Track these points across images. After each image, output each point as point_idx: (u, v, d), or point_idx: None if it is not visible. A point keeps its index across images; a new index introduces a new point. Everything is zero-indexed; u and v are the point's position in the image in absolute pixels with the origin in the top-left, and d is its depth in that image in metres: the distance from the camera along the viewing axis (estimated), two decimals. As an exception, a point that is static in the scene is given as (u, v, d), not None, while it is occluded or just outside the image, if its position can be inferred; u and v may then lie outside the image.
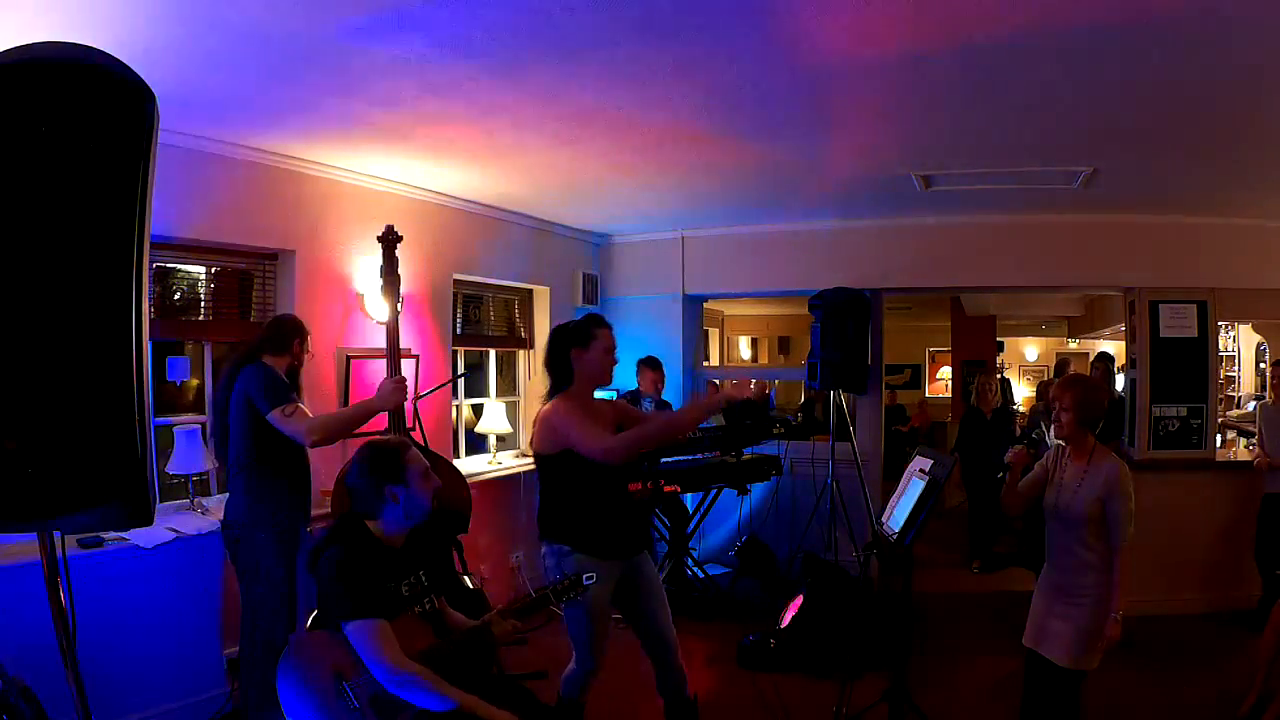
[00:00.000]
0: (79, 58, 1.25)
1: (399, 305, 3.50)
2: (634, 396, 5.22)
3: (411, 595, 2.26)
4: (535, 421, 2.79)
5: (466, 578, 3.75)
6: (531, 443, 2.81)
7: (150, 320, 3.11)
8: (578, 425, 2.64)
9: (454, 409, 5.03)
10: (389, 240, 3.48)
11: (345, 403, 3.88)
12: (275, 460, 2.97)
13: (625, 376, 5.59)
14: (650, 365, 5.25)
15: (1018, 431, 6.12)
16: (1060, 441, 2.74)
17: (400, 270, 4.32)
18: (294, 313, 3.77)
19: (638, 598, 2.83)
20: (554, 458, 2.70)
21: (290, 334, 3.12)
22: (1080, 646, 2.55)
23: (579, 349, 2.76)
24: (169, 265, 3.57)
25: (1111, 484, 2.53)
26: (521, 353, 5.68)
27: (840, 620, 4.03)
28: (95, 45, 1.27)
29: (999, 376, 7.67)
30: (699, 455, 5.10)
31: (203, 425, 3.54)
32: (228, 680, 3.36)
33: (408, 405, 3.55)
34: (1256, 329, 7.36)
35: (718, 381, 6.47)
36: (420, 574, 2.32)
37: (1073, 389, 2.65)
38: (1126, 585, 2.51)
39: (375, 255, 4.17)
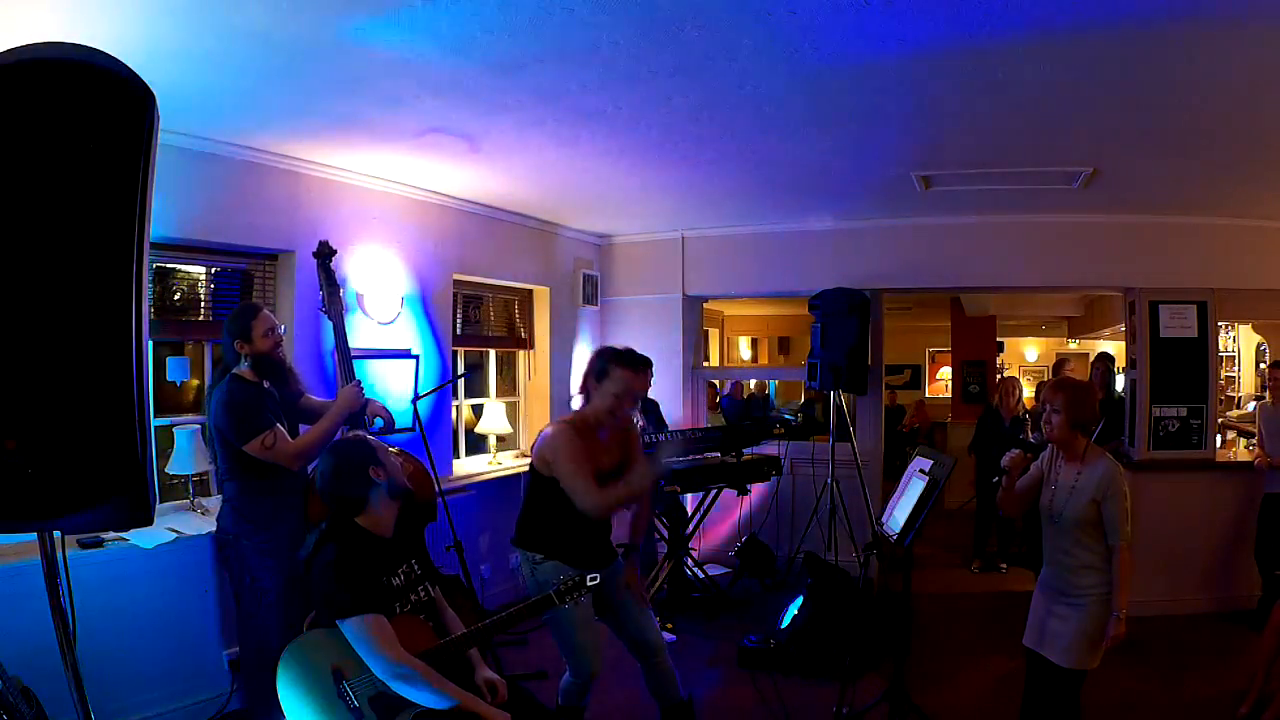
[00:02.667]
0: (79, 58, 1.25)
1: (352, 314, 3.46)
2: None
3: (406, 585, 2.27)
4: (539, 433, 2.79)
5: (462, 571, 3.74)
6: (531, 451, 2.81)
7: (150, 320, 3.11)
8: (566, 466, 2.64)
9: (454, 409, 5.03)
10: (323, 255, 3.42)
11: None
12: (264, 471, 2.90)
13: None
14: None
15: (1030, 436, 6.03)
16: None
17: (400, 270, 4.36)
18: (294, 313, 3.79)
19: (615, 605, 2.85)
20: (543, 478, 2.73)
21: (241, 324, 2.93)
22: (1080, 647, 2.55)
23: (595, 380, 2.75)
24: (169, 265, 3.57)
25: (1105, 485, 2.53)
26: (521, 353, 5.68)
27: (840, 620, 4.03)
28: (95, 45, 1.27)
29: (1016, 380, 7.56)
30: (699, 455, 5.10)
31: (202, 425, 3.54)
32: (228, 680, 3.36)
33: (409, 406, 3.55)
34: (1256, 329, 7.37)
35: (716, 382, 6.46)
36: (413, 563, 2.34)
37: (1063, 391, 2.65)
38: (1131, 584, 2.51)
39: (374, 255, 4.22)
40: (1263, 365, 7.39)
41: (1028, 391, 11.20)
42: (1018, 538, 6.10)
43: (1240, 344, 7.79)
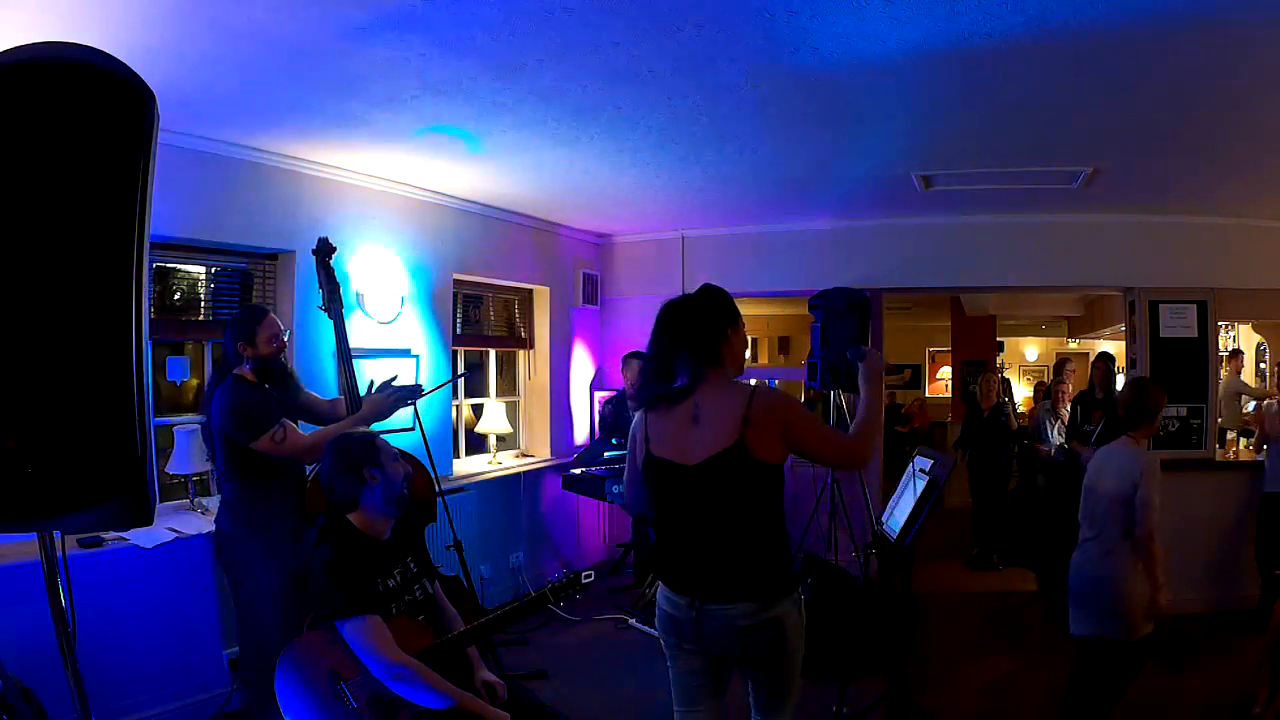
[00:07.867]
0: (79, 58, 1.25)
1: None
2: (625, 396, 5.21)
3: (403, 584, 2.27)
4: (743, 417, 1.95)
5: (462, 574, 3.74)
6: (746, 447, 1.95)
7: (150, 320, 3.11)
8: (815, 423, 2.06)
9: (454, 409, 5.03)
10: (322, 252, 3.33)
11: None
12: (262, 471, 2.89)
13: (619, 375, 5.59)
14: (639, 358, 5.21)
15: (1013, 426, 6.20)
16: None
17: (400, 270, 4.36)
18: (294, 312, 3.78)
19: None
20: (776, 469, 1.99)
21: (246, 327, 2.92)
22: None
23: (733, 328, 2.20)
24: (169, 265, 3.57)
25: None
26: (521, 353, 5.68)
27: (840, 620, 4.03)
28: (95, 45, 1.27)
29: (1000, 376, 7.73)
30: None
31: (202, 424, 3.54)
32: (228, 680, 3.36)
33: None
34: (1256, 329, 7.37)
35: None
36: (409, 561, 2.34)
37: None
38: None
39: (375, 255, 4.22)
40: (1263, 365, 7.39)
41: (1027, 391, 11.26)
42: (1015, 536, 6.13)
43: (1240, 344, 7.79)
